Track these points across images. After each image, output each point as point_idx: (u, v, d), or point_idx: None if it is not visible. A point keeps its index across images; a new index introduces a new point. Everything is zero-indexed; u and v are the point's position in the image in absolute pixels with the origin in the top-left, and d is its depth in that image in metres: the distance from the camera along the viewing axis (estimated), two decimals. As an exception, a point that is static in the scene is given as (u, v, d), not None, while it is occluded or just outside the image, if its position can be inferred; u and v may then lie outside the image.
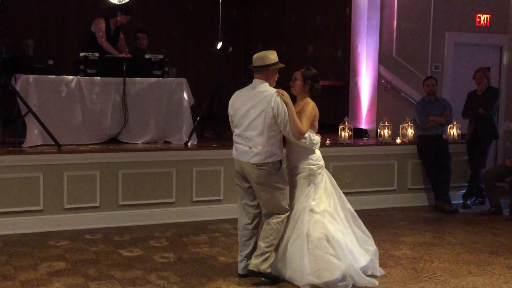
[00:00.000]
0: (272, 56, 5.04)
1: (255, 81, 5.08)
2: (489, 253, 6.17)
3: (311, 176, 5.12)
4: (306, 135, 5.03)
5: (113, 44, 8.33)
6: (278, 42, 12.30)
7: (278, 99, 4.92)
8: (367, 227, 7.07)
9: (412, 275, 5.39)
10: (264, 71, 5.04)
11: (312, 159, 5.15)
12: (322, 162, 5.25)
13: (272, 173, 4.98)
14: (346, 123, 8.34)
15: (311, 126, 5.10)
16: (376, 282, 5.05)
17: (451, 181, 8.44)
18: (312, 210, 5.03)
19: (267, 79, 5.06)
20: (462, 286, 5.13)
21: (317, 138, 5.18)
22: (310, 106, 5.10)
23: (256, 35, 13.44)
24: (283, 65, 5.10)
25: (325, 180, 5.24)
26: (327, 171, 5.35)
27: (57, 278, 5.12)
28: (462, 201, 8.61)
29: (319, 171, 5.18)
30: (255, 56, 5.08)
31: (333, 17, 11.09)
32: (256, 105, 4.94)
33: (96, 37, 8.17)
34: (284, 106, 4.91)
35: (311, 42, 11.71)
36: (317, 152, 5.22)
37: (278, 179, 5.03)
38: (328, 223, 5.04)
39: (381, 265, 5.64)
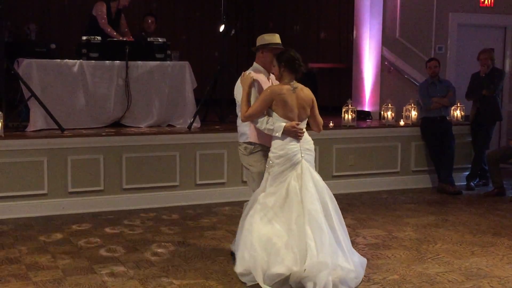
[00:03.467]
0: (266, 37, 5.01)
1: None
2: (492, 234, 6.18)
3: (268, 165, 4.78)
4: (261, 119, 4.77)
5: (115, 27, 8.29)
6: (280, 25, 12.25)
7: (239, 81, 4.95)
8: (371, 209, 7.09)
9: (415, 257, 5.41)
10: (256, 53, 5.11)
11: (273, 147, 4.76)
12: (283, 152, 4.69)
13: (244, 154, 5.01)
14: (350, 105, 8.32)
15: (281, 113, 4.71)
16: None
17: (454, 162, 8.43)
18: (257, 200, 4.73)
19: (256, 60, 5.11)
20: (466, 267, 5.14)
21: (277, 125, 4.69)
22: (266, 91, 4.78)
23: (259, 18, 13.37)
24: (264, 48, 4.97)
25: (291, 178, 4.67)
26: (309, 162, 4.78)
27: (62, 261, 5.15)
28: (465, 183, 8.62)
29: (277, 161, 4.69)
30: None
31: (336, -2, 11.04)
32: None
33: (98, 20, 8.14)
34: (241, 88, 4.88)
35: (314, 25, 11.65)
36: (281, 141, 4.71)
37: (248, 160, 4.98)
38: (260, 217, 4.64)
39: (384, 247, 5.67)
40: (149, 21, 9.13)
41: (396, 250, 5.60)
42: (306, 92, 4.83)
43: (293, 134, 4.71)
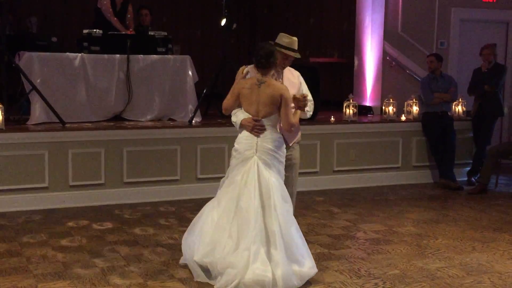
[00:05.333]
0: (285, 40, 4.90)
1: None
2: (493, 229, 6.18)
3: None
4: (234, 111, 4.78)
5: (121, 19, 8.26)
6: (283, 20, 12.23)
7: None
8: (371, 204, 7.10)
9: (416, 252, 5.41)
10: None
11: (236, 140, 4.77)
12: (238, 146, 4.67)
13: None
14: (351, 100, 8.31)
15: (244, 107, 4.70)
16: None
17: (455, 158, 8.43)
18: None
19: None
20: (466, 262, 5.14)
21: (236, 118, 4.69)
22: (234, 84, 4.79)
23: (261, 12, 13.34)
24: (278, 50, 4.86)
25: (240, 172, 4.59)
26: (265, 160, 4.58)
27: (63, 254, 5.15)
28: (466, 178, 8.62)
29: (233, 154, 4.69)
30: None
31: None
32: None
33: (103, 13, 8.11)
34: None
35: (316, 19, 11.63)
36: (241, 134, 4.69)
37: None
38: (207, 206, 4.78)
39: (385, 241, 5.67)
40: (144, 13, 9.08)
41: (397, 245, 5.60)
42: (272, 89, 4.59)
43: (248, 129, 4.63)
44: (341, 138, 8.09)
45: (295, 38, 4.96)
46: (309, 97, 4.97)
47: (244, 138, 4.66)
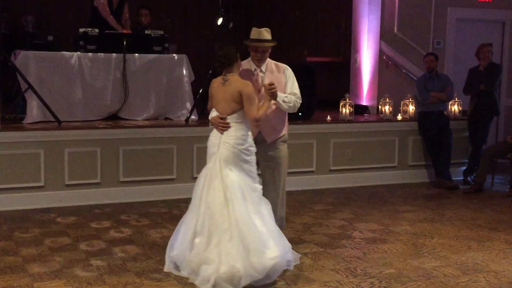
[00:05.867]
0: (252, 32, 5.05)
1: None
2: (489, 229, 6.19)
3: None
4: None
5: (117, 18, 8.25)
6: (279, 19, 12.22)
7: None
8: (367, 203, 7.12)
9: (412, 251, 5.42)
10: None
11: None
12: (208, 143, 4.84)
13: None
14: (347, 99, 8.32)
15: (214, 105, 4.85)
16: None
17: (451, 157, 8.44)
18: None
19: None
20: (462, 261, 5.15)
21: (210, 116, 4.84)
22: None
23: (257, 10, 13.34)
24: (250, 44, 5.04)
25: (206, 168, 4.76)
26: (226, 158, 4.67)
27: (59, 253, 5.15)
28: (462, 178, 8.63)
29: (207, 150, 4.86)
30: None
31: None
32: None
33: (100, 12, 8.10)
34: None
35: (312, 18, 11.63)
36: (211, 132, 4.85)
37: None
38: None
39: (381, 241, 5.68)
40: (143, 13, 9.07)
41: (393, 244, 5.61)
42: (233, 86, 4.68)
43: (215, 126, 4.77)
44: (337, 137, 8.09)
45: (264, 29, 5.03)
46: (294, 91, 5.00)
47: (212, 136, 4.80)
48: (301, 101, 5.10)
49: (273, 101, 4.88)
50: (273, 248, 4.51)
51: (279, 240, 4.66)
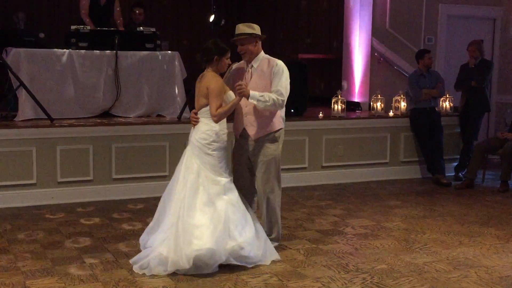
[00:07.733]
0: (236, 29, 5.13)
1: None
2: (480, 224, 6.23)
3: None
4: None
5: (106, 16, 8.22)
6: (271, 15, 12.23)
7: None
8: (359, 199, 7.14)
9: (403, 246, 5.44)
10: None
11: None
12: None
13: None
14: (339, 96, 8.34)
15: None
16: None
17: (443, 153, 8.48)
18: None
19: None
20: (453, 257, 5.18)
21: None
22: None
23: (249, 8, 13.34)
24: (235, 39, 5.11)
25: (180, 163, 5.01)
26: (191, 150, 4.91)
27: (51, 251, 5.14)
28: (454, 173, 8.67)
29: None
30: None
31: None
32: None
33: (79, 9, 8.11)
34: None
35: (304, 15, 11.64)
36: None
37: None
38: None
39: (373, 236, 5.70)
40: (137, 12, 9.06)
41: (385, 240, 5.64)
42: (204, 81, 4.90)
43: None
44: (329, 134, 8.11)
45: (244, 23, 5.10)
46: (278, 87, 4.92)
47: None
48: (284, 98, 4.94)
49: (251, 100, 4.88)
50: (205, 239, 4.59)
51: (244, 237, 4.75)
